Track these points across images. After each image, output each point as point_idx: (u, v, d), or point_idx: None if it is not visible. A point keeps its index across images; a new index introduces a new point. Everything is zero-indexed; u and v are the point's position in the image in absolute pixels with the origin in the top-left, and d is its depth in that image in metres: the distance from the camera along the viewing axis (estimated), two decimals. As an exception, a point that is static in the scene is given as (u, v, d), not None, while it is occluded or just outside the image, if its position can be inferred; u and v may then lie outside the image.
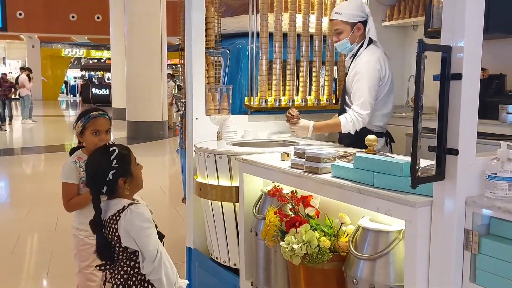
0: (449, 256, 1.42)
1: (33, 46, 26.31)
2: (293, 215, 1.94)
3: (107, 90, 22.07)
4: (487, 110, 3.04)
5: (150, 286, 1.84)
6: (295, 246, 1.79)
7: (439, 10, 3.28)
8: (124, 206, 1.83)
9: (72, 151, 2.50)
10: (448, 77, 1.37)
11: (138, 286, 1.84)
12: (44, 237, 4.50)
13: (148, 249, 1.81)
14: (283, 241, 1.86)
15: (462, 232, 1.42)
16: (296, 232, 1.83)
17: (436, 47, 1.37)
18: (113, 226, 1.83)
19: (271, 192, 2.03)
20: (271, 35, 3.09)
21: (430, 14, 3.36)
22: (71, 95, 31.73)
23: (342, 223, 1.84)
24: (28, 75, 15.23)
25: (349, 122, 2.61)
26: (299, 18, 3.18)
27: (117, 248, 1.85)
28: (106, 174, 1.84)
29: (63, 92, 31.11)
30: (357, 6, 2.71)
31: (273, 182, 2.12)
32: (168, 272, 1.85)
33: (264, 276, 2.18)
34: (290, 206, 1.98)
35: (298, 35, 3.19)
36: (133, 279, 1.84)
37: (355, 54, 2.73)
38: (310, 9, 3.22)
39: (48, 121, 15.99)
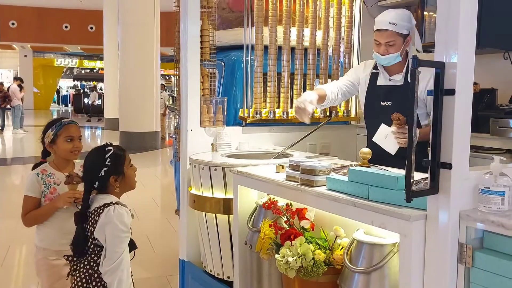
0: (443, 269, 1.43)
1: (25, 56, 26.25)
2: (288, 228, 1.94)
3: (99, 100, 22.02)
4: (478, 124, 3.07)
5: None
6: (290, 259, 1.79)
7: (431, 25, 3.32)
8: (112, 202, 1.92)
9: (35, 166, 2.41)
10: (441, 92, 1.39)
11: (99, 284, 1.89)
12: (34, 249, 4.45)
13: (112, 249, 1.87)
14: (278, 254, 1.86)
15: (456, 245, 1.43)
16: (291, 245, 1.83)
17: (429, 63, 1.39)
18: (95, 217, 1.92)
19: (266, 204, 2.03)
20: (265, 48, 3.12)
21: (422, 29, 3.40)
22: (63, 105, 31.59)
23: (337, 236, 1.85)
24: (19, 85, 15.19)
25: None
26: (294, 31, 3.21)
27: (90, 241, 1.93)
28: (98, 170, 1.96)
29: (54, 102, 30.97)
30: (408, 17, 2.53)
31: (268, 195, 2.12)
32: (122, 280, 1.88)
33: (258, 289, 2.18)
34: (285, 219, 1.99)
35: (293, 48, 3.22)
36: (95, 275, 1.90)
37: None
38: (304, 22, 3.26)
39: (39, 131, 15.89)
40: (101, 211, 1.90)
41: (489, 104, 3.24)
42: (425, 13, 3.37)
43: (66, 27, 22.03)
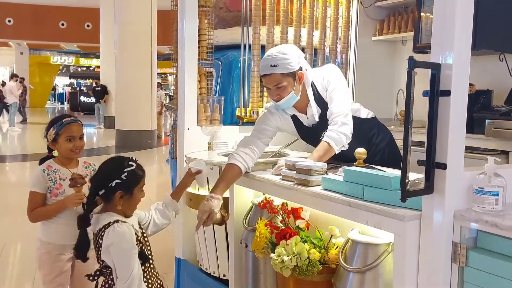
0: (437, 268, 1.45)
1: (21, 53, 26.11)
2: (283, 227, 1.95)
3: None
4: (474, 125, 3.09)
5: None
6: (285, 258, 1.80)
7: (427, 26, 3.34)
8: (110, 222, 1.85)
9: (42, 161, 2.42)
10: (437, 93, 1.41)
11: None
12: (29, 246, 4.44)
13: (121, 269, 1.82)
14: (273, 253, 1.87)
15: (450, 245, 1.45)
16: (286, 244, 1.84)
17: (426, 64, 1.40)
18: (99, 240, 1.87)
19: (262, 204, 2.04)
20: (263, 47, 3.13)
21: (419, 30, 3.42)
22: (59, 103, 31.46)
23: (332, 236, 1.86)
24: (16, 81, 15.17)
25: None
26: (291, 31, 3.22)
27: (100, 263, 1.89)
28: (111, 180, 1.88)
29: (50, 100, 30.83)
30: (292, 52, 2.29)
31: (263, 194, 2.13)
32: None
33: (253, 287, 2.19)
34: (281, 218, 2.00)
35: (290, 48, 3.23)
36: None
37: (313, 95, 2.39)
38: (302, 22, 3.27)
39: (34, 129, 15.83)
40: (103, 233, 1.85)
41: (485, 105, 3.27)
42: (422, 14, 3.39)
43: (62, 24, 21.93)
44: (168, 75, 27.34)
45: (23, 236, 4.67)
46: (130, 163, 1.92)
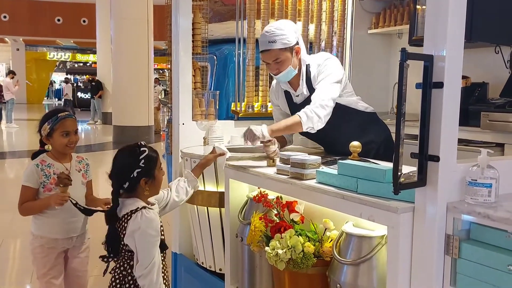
0: (430, 260, 1.45)
1: (17, 49, 26.04)
2: (278, 221, 1.95)
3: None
4: (469, 117, 3.09)
5: None
6: (280, 251, 1.80)
7: (423, 18, 3.33)
8: (138, 208, 1.89)
9: (34, 155, 2.43)
10: (430, 85, 1.40)
11: (133, 286, 1.90)
12: (27, 241, 4.43)
13: (143, 255, 1.85)
14: (268, 246, 1.88)
15: (443, 237, 1.45)
16: (281, 238, 1.84)
17: (418, 56, 1.40)
18: (124, 224, 1.89)
19: (257, 197, 2.04)
20: (258, 41, 3.11)
21: (415, 23, 3.42)
22: (56, 99, 31.37)
23: (326, 229, 1.86)
24: (12, 78, 15.13)
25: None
26: (286, 25, 3.21)
27: (123, 245, 1.91)
28: (131, 171, 1.90)
29: (47, 96, 30.74)
30: (288, 28, 2.38)
31: (258, 188, 2.13)
32: (154, 282, 1.85)
33: (249, 281, 2.19)
34: (275, 212, 2.00)
35: (285, 42, 3.22)
36: (129, 277, 1.91)
37: (305, 74, 2.48)
38: (297, 16, 3.26)
39: (32, 125, 15.80)
40: (129, 217, 1.87)
41: (480, 98, 3.26)
42: (418, 6, 3.38)
43: (58, 20, 21.82)
44: (165, 70, 27.31)
45: (21, 232, 4.66)
46: (142, 149, 1.94)
